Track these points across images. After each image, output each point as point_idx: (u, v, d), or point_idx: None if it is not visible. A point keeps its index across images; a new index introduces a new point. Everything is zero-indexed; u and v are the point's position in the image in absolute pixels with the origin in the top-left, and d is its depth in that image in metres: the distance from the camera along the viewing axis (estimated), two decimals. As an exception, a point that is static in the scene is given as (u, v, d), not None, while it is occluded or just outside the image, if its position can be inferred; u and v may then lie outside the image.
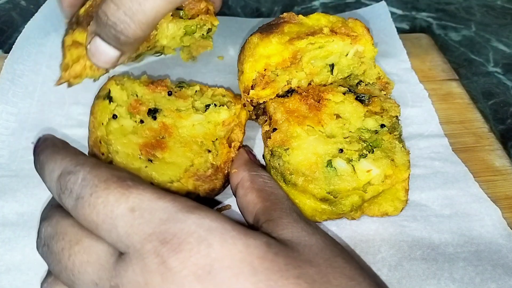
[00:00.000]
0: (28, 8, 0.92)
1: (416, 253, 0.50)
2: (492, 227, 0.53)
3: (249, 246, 0.34)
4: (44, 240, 0.38)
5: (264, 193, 0.46)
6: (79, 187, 0.36)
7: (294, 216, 0.42)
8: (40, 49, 0.71)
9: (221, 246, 0.34)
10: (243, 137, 0.55)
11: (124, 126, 0.52)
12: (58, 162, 0.39)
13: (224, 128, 0.54)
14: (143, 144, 0.51)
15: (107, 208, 0.35)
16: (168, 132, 0.53)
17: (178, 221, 0.34)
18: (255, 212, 0.44)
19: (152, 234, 0.34)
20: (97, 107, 0.53)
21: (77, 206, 0.36)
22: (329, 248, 0.38)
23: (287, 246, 0.37)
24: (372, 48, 0.57)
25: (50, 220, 0.39)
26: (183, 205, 0.36)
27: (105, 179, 0.36)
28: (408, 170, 0.50)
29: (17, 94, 0.65)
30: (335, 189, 0.48)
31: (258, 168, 0.50)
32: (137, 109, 0.53)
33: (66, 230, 0.37)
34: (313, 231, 0.40)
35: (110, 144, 0.50)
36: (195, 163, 0.51)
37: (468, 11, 1.00)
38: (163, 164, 0.50)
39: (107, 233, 0.35)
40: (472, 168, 0.59)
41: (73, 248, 0.36)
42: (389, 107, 0.56)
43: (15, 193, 0.54)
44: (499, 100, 0.78)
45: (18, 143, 0.60)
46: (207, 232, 0.34)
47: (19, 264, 0.48)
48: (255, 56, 0.54)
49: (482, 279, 0.48)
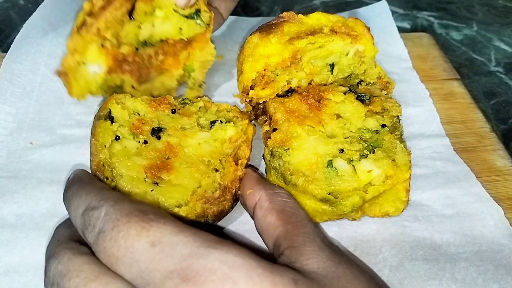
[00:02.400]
0: (27, 7, 0.91)
1: (417, 253, 0.50)
2: (494, 226, 0.52)
3: (276, 285, 0.33)
4: (54, 279, 0.36)
5: (285, 214, 0.44)
6: (101, 222, 0.36)
7: (319, 242, 0.40)
8: (39, 49, 0.71)
9: (247, 284, 0.32)
10: (250, 153, 0.53)
11: (127, 147, 0.49)
12: (83, 198, 0.39)
13: (231, 145, 0.52)
14: (148, 166, 0.48)
15: (128, 242, 0.34)
16: (174, 152, 0.50)
17: (200, 256, 0.33)
18: (276, 236, 0.42)
19: (174, 271, 0.33)
20: (99, 128, 0.50)
21: (98, 240, 0.36)
22: (357, 279, 0.37)
23: (313, 281, 0.35)
24: (372, 48, 0.56)
25: (60, 257, 0.37)
26: (204, 239, 0.35)
27: (127, 213, 0.36)
28: (409, 170, 0.49)
29: (15, 93, 0.65)
30: (336, 190, 0.48)
31: (273, 185, 0.48)
32: (140, 129, 0.51)
33: (82, 267, 0.35)
34: (339, 259, 0.39)
35: (114, 168, 0.47)
36: (203, 184, 0.48)
37: (470, 10, 0.99)
38: (169, 187, 0.47)
39: (127, 267, 0.34)
40: (474, 168, 0.59)
41: (89, 285, 0.34)
42: (390, 106, 0.55)
43: (13, 194, 0.53)
44: (501, 100, 0.77)
45: (16, 144, 0.59)
46: (232, 269, 0.33)
47: (17, 266, 0.47)
48: (254, 56, 0.54)
49: (484, 279, 0.47)
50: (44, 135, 0.61)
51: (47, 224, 0.51)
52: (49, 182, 0.55)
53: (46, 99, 0.65)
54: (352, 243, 0.51)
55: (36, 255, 0.48)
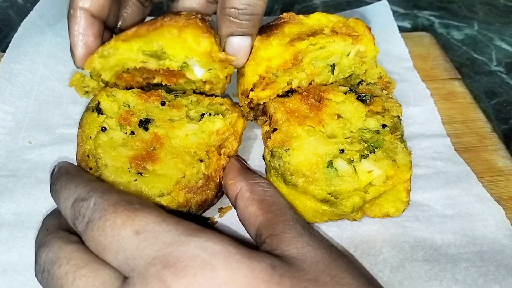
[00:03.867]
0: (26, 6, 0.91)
1: (418, 254, 0.50)
2: (495, 227, 0.52)
3: (254, 270, 0.34)
4: (44, 266, 0.38)
5: (265, 203, 0.45)
6: (90, 212, 0.38)
7: (298, 228, 0.41)
8: (37, 49, 0.71)
9: (225, 270, 0.33)
10: (237, 146, 0.53)
11: (113, 138, 0.50)
12: (72, 190, 0.41)
13: (218, 137, 0.52)
14: (133, 156, 0.49)
15: (114, 231, 0.36)
16: (160, 143, 0.50)
17: (181, 244, 0.35)
18: (257, 225, 0.43)
19: (156, 258, 0.34)
20: (85, 120, 0.51)
21: (87, 229, 0.37)
22: (335, 263, 0.38)
23: (292, 266, 0.36)
24: (373, 48, 0.56)
25: (50, 246, 0.39)
26: (186, 228, 0.36)
27: (114, 203, 0.37)
28: (410, 170, 0.49)
29: (14, 93, 0.65)
30: (336, 190, 0.48)
31: (254, 175, 0.49)
32: (128, 121, 0.52)
33: (71, 255, 0.37)
34: (318, 244, 0.40)
35: (98, 158, 0.48)
36: (187, 174, 0.49)
37: (471, 10, 0.99)
38: (153, 177, 0.48)
39: (114, 255, 0.35)
40: (475, 168, 0.59)
41: (79, 271, 0.36)
42: (391, 106, 0.55)
43: (12, 193, 0.53)
44: (502, 99, 0.77)
45: (15, 143, 0.59)
46: (211, 256, 0.34)
47: (16, 264, 0.47)
48: (256, 60, 0.53)
49: (485, 280, 0.47)
50: (43, 134, 0.61)
51: (46, 223, 0.51)
52: (48, 181, 0.54)
53: (45, 98, 0.65)
54: (353, 244, 0.50)
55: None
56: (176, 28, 0.49)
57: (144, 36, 0.49)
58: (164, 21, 0.50)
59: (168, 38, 0.49)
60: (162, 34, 0.49)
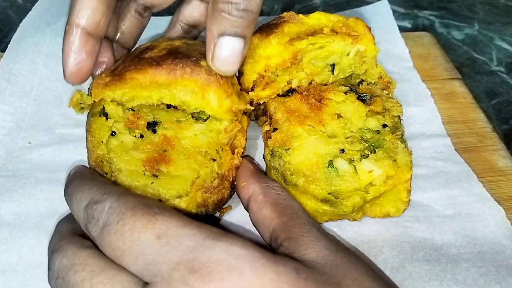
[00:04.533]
0: (25, 6, 0.91)
1: (418, 254, 0.49)
2: (495, 227, 0.52)
3: (280, 274, 0.34)
4: (58, 273, 0.37)
5: (279, 207, 0.44)
6: (106, 215, 0.36)
7: (315, 232, 0.41)
8: (37, 48, 0.71)
9: (252, 275, 0.33)
10: (245, 143, 0.54)
11: (124, 142, 0.50)
12: (86, 192, 0.40)
13: (227, 135, 0.52)
14: (146, 159, 0.49)
15: (134, 235, 0.35)
16: (171, 145, 0.50)
17: (206, 248, 0.34)
18: (272, 228, 0.43)
19: (180, 263, 0.33)
20: (94, 125, 0.50)
21: (103, 233, 0.36)
22: (355, 266, 0.38)
23: (314, 270, 0.36)
24: (373, 48, 0.56)
25: (64, 251, 0.37)
26: (209, 232, 0.35)
27: (131, 206, 0.36)
28: (410, 170, 0.49)
29: (14, 93, 0.64)
30: (337, 190, 0.47)
31: (267, 178, 0.49)
32: (136, 124, 0.51)
33: (87, 261, 0.36)
34: (336, 248, 0.39)
35: (112, 163, 0.48)
36: (201, 174, 0.49)
37: (471, 9, 0.99)
38: (169, 179, 0.48)
39: (133, 260, 0.34)
40: (475, 168, 0.59)
41: (95, 278, 0.34)
42: (391, 106, 0.55)
43: (11, 194, 0.53)
44: (503, 99, 0.77)
45: (14, 143, 0.59)
46: (237, 260, 0.33)
47: (15, 265, 0.47)
48: (255, 57, 0.54)
49: (486, 280, 0.47)
50: (42, 134, 0.61)
51: (46, 223, 0.51)
52: (47, 182, 0.55)
53: (44, 98, 0.65)
54: (353, 244, 0.50)
55: (34, 254, 0.48)
56: (198, 87, 0.48)
57: (164, 86, 0.48)
58: (184, 71, 0.48)
59: (190, 95, 0.48)
60: (185, 89, 0.48)
